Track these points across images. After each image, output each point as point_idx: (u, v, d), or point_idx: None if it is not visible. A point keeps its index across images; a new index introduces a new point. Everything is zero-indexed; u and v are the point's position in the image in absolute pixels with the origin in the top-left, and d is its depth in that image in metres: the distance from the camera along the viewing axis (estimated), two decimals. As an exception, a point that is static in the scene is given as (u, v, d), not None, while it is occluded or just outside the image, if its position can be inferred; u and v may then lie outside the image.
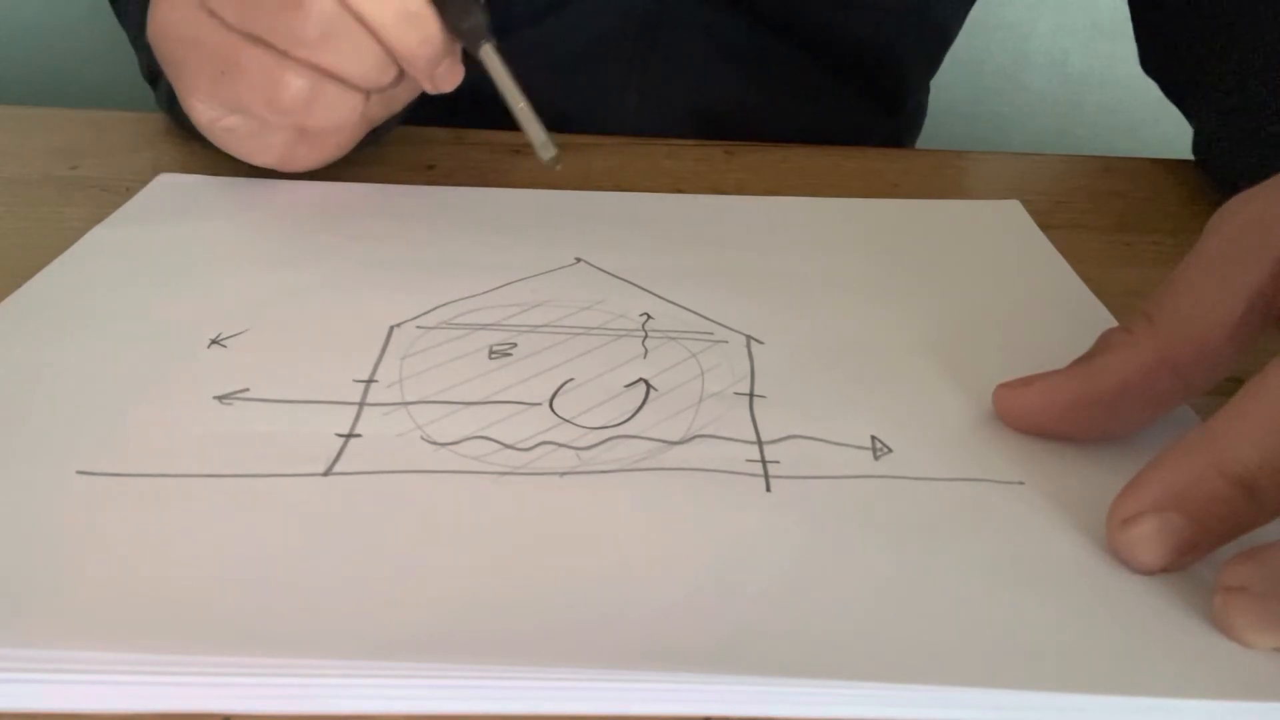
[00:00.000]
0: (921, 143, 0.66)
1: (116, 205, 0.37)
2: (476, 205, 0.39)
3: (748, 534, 0.23)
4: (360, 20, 0.32)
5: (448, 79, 0.35)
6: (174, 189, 0.39)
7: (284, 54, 0.32)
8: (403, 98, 0.37)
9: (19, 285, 0.32)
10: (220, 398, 0.27)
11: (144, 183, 0.39)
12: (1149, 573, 0.22)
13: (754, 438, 0.26)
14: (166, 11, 0.34)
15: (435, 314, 0.31)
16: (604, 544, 0.22)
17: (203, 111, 0.36)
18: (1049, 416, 0.26)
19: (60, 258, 0.33)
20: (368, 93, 0.35)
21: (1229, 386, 0.23)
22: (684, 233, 0.37)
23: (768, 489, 0.24)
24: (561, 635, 0.20)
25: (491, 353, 0.29)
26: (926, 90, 0.64)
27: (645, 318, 0.32)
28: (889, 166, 0.45)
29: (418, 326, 0.31)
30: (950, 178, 0.45)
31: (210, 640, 0.19)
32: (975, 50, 0.92)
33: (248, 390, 0.27)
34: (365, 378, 0.28)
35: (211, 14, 0.33)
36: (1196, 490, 0.21)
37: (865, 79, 0.54)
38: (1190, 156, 0.45)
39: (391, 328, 0.30)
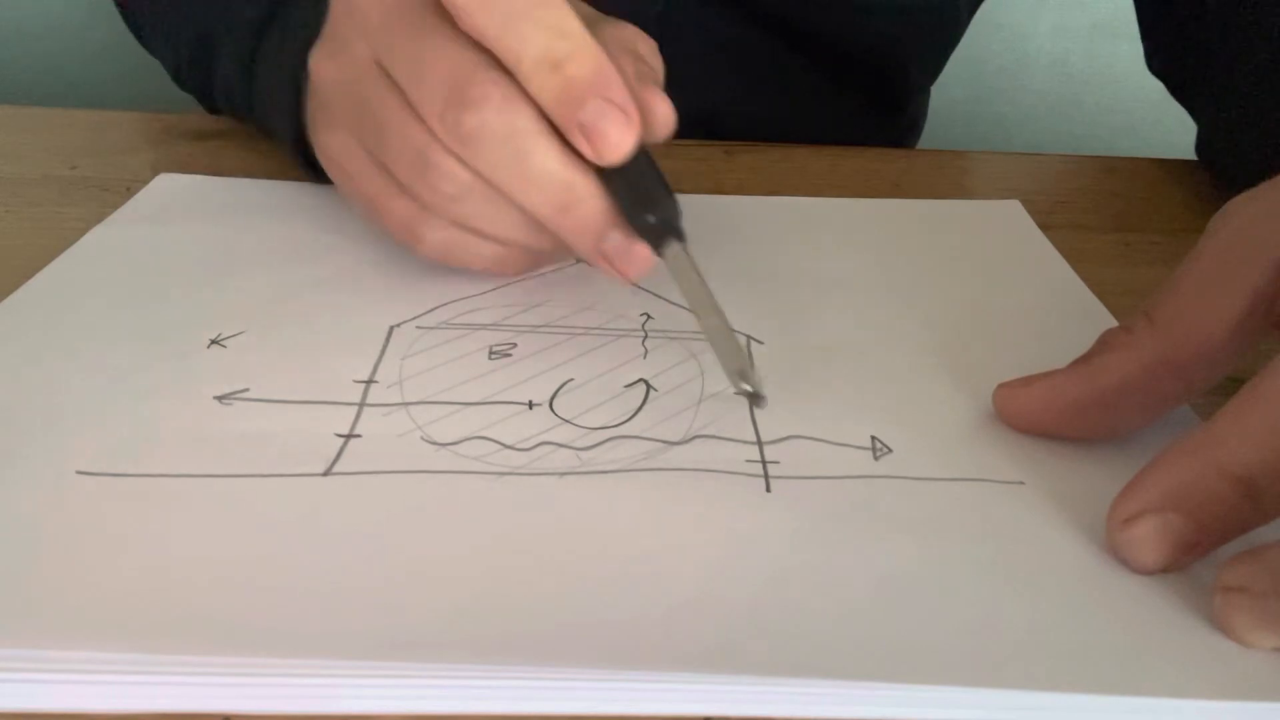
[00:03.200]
0: (922, 143, 0.66)
1: (116, 205, 0.37)
2: (476, 205, 0.39)
3: (748, 534, 0.23)
4: (490, 184, 0.28)
5: (624, 258, 0.28)
6: (174, 189, 0.39)
7: (425, 209, 0.30)
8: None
9: (19, 285, 0.32)
10: (220, 398, 0.27)
11: (144, 183, 0.39)
12: (1149, 573, 0.22)
13: (754, 438, 0.26)
14: (327, 137, 0.32)
15: (435, 314, 0.31)
16: (604, 544, 0.22)
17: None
18: (1049, 416, 0.26)
19: (60, 258, 0.33)
20: (520, 249, 0.31)
21: (1229, 386, 0.23)
22: (684, 233, 0.37)
23: (768, 489, 0.24)
24: (561, 635, 0.20)
25: (491, 353, 0.29)
26: (927, 91, 0.64)
27: (645, 318, 0.32)
28: (889, 166, 0.45)
29: (418, 326, 0.31)
30: (950, 178, 0.45)
31: (210, 640, 0.19)
32: (975, 50, 0.92)
33: (248, 390, 0.27)
34: (365, 378, 0.28)
35: (366, 150, 0.31)
36: (1196, 490, 0.21)
37: (868, 81, 0.54)
38: (1191, 156, 0.45)
39: (391, 328, 0.30)
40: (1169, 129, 0.54)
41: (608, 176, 0.27)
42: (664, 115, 0.28)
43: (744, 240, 0.37)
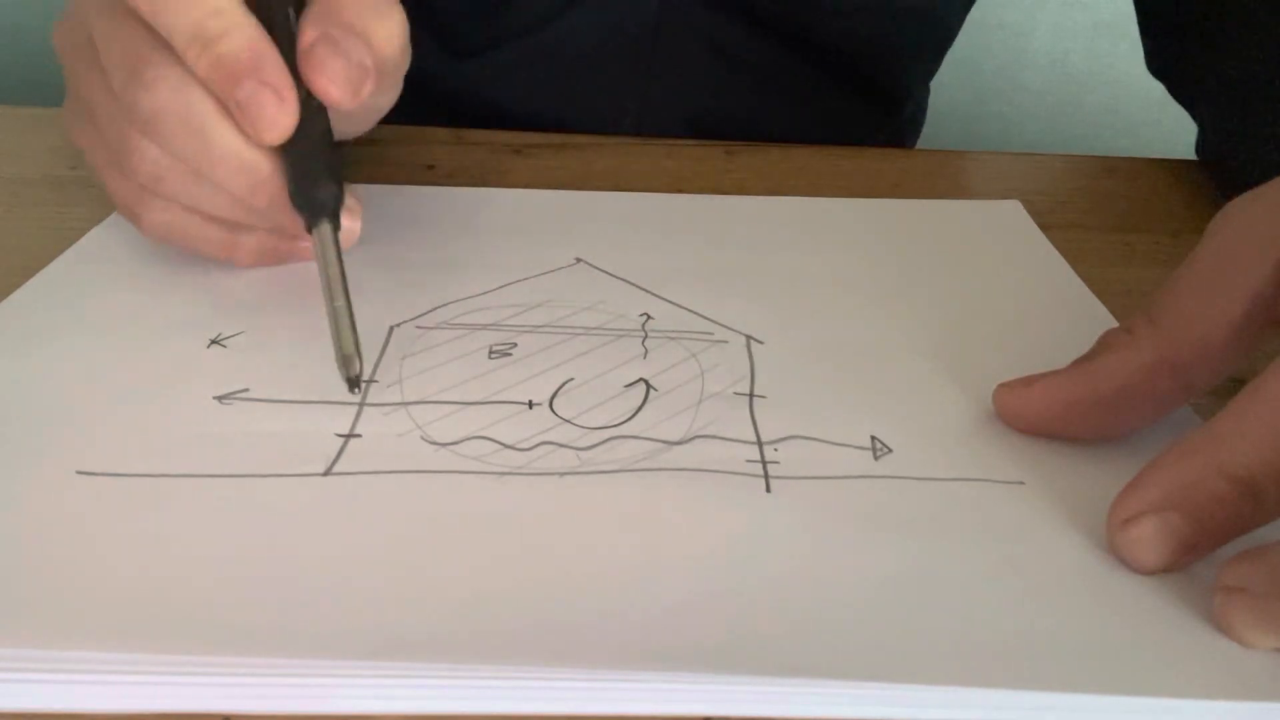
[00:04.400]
0: (921, 143, 0.66)
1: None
2: (476, 205, 0.39)
3: (748, 534, 0.23)
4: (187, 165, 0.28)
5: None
6: (174, 189, 0.39)
7: (140, 187, 0.30)
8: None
9: (19, 285, 0.32)
10: (220, 398, 0.27)
11: (144, 183, 0.39)
12: (1149, 573, 0.22)
13: (754, 438, 0.26)
14: (68, 107, 0.32)
15: (435, 314, 0.31)
16: (604, 544, 0.22)
17: None
18: (1049, 416, 0.26)
19: (60, 258, 0.33)
20: (241, 226, 0.31)
21: (1229, 387, 0.23)
22: (684, 233, 0.37)
23: (768, 489, 0.24)
24: (561, 635, 0.20)
25: (491, 353, 0.29)
26: (926, 91, 0.64)
27: (645, 318, 0.32)
28: (889, 166, 0.45)
29: (418, 326, 0.31)
30: (950, 178, 0.45)
31: (210, 640, 0.19)
32: (975, 50, 0.92)
33: (248, 390, 0.27)
34: (365, 378, 0.28)
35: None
36: (1197, 490, 0.21)
37: (865, 81, 0.54)
38: (1191, 156, 0.45)
39: (391, 328, 0.30)
40: (1169, 129, 0.54)
41: (284, 153, 0.28)
42: (335, 98, 0.27)
43: (744, 240, 0.37)
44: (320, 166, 0.28)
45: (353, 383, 0.27)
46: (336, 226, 0.29)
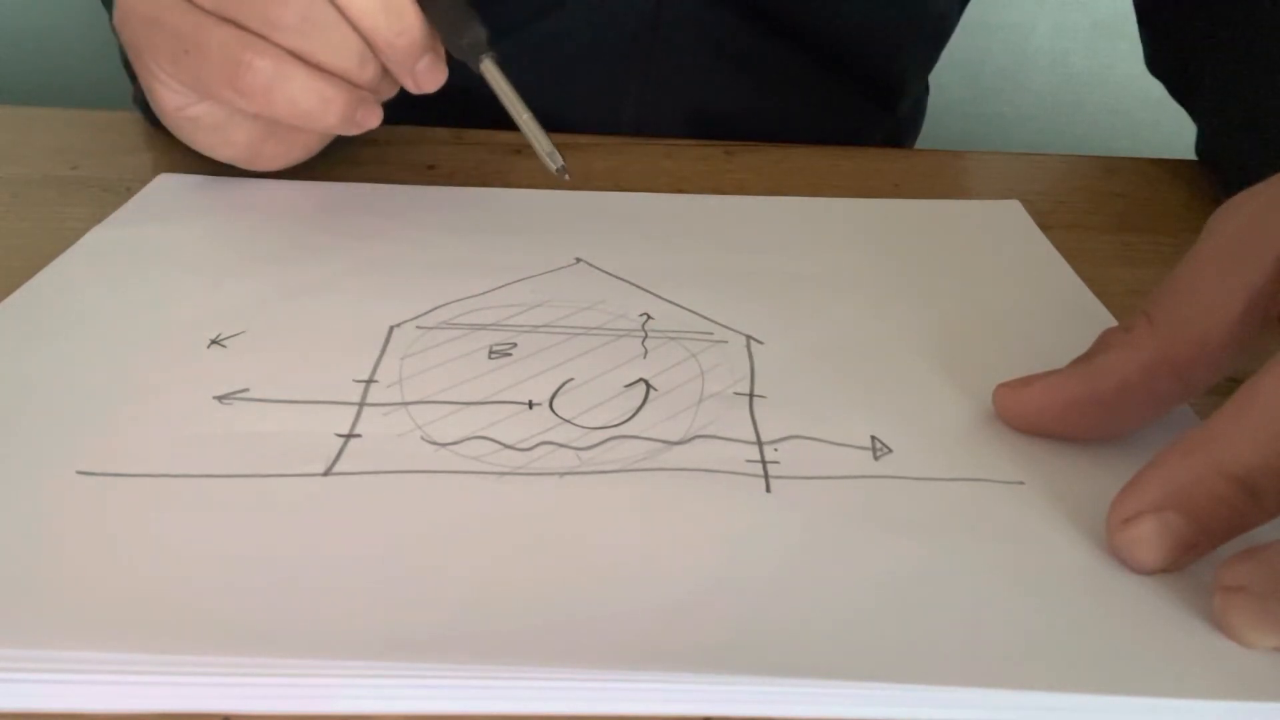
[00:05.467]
0: (921, 143, 0.66)
1: (116, 205, 0.37)
2: (476, 205, 0.39)
3: (748, 534, 0.23)
4: (339, 8, 0.32)
5: (429, 76, 0.34)
6: (174, 189, 0.39)
7: (253, 35, 0.32)
8: (383, 93, 0.36)
9: (19, 285, 0.32)
10: (220, 398, 0.27)
11: (144, 183, 0.39)
12: (1148, 573, 0.22)
13: (754, 438, 0.26)
14: None
15: (435, 314, 0.31)
16: (604, 544, 0.22)
17: (167, 98, 0.35)
18: (1049, 416, 0.26)
19: (60, 258, 0.33)
20: (344, 87, 0.34)
21: (1229, 386, 0.23)
22: (684, 233, 0.37)
23: (768, 489, 0.24)
24: (561, 635, 0.20)
25: (491, 353, 0.29)
26: (926, 90, 0.64)
27: (645, 318, 0.32)
28: (889, 166, 0.45)
29: (418, 326, 0.31)
30: (950, 178, 0.45)
31: (210, 640, 0.19)
32: (975, 50, 0.92)
33: (248, 390, 0.27)
34: (365, 378, 0.28)
35: None
36: (1196, 490, 0.21)
37: (862, 74, 0.53)
38: (1191, 156, 0.45)
39: (391, 328, 0.30)
40: (1169, 129, 0.54)
41: (423, 4, 0.33)
42: None
43: (744, 240, 0.37)
44: (462, 14, 0.34)
45: (561, 171, 0.34)
46: (496, 59, 0.34)
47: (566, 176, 0.34)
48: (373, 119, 0.35)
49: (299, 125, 0.34)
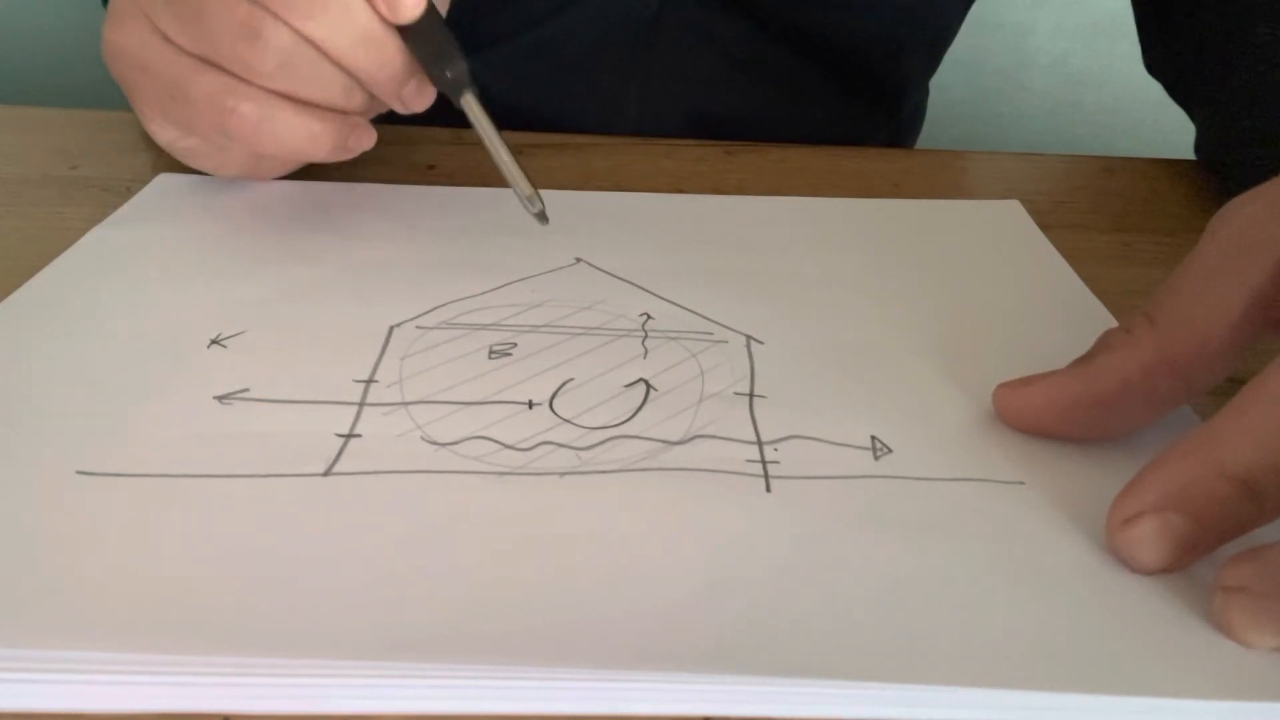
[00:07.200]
0: (921, 143, 0.66)
1: (116, 205, 0.37)
2: (476, 205, 0.39)
3: (748, 534, 0.23)
4: (317, 47, 0.31)
5: (417, 99, 0.34)
6: (174, 189, 0.39)
7: (237, 79, 0.31)
8: (375, 111, 0.36)
9: (19, 285, 0.32)
10: (220, 398, 0.27)
11: (144, 183, 0.39)
12: (1149, 573, 0.22)
13: (754, 438, 0.26)
14: (117, 34, 0.33)
15: (435, 314, 0.31)
16: (604, 544, 0.22)
17: (160, 133, 0.36)
18: (1049, 416, 0.26)
19: (60, 258, 0.33)
20: (333, 118, 0.33)
21: (1229, 387, 0.23)
22: (684, 233, 0.37)
23: (768, 489, 0.24)
24: (561, 635, 0.20)
25: (491, 353, 0.29)
26: (926, 91, 0.64)
27: (645, 318, 0.32)
28: (889, 166, 0.45)
29: (418, 326, 0.31)
30: (950, 178, 0.45)
31: (210, 640, 0.19)
32: (975, 50, 0.92)
33: (248, 390, 0.27)
34: (365, 378, 0.28)
35: (165, 39, 0.32)
36: (1196, 490, 0.21)
37: (864, 80, 0.54)
38: (1191, 156, 0.45)
39: (391, 328, 0.30)
40: (1169, 129, 0.54)
41: (404, 35, 0.32)
42: None
43: (744, 240, 0.37)
44: (445, 46, 0.32)
45: (540, 217, 0.32)
46: (477, 95, 0.33)
47: (546, 224, 0.33)
48: (366, 141, 0.35)
49: (291, 160, 0.35)
